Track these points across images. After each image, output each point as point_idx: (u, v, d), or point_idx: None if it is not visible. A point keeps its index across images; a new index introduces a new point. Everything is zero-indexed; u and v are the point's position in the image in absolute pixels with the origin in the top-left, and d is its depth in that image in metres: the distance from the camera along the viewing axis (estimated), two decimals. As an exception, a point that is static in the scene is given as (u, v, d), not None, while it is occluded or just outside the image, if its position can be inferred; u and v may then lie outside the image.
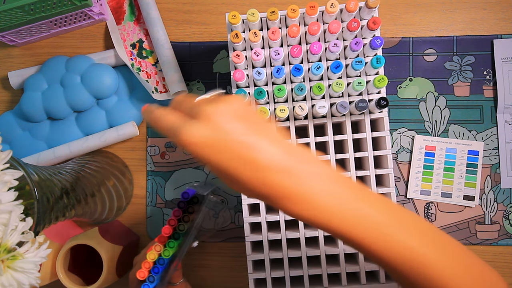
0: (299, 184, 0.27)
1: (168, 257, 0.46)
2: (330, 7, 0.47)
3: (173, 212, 0.47)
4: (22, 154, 0.62)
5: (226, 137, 0.26)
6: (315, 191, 0.27)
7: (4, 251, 0.34)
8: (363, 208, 0.28)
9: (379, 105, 0.47)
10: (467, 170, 0.61)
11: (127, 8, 0.66)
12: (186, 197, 0.46)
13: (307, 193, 0.27)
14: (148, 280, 0.46)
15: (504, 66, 0.61)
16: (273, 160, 0.26)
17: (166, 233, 0.46)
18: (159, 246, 0.46)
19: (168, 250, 0.46)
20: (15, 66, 0.66)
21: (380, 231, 0.28)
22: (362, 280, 0.50)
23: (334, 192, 0.27)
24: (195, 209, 0.47)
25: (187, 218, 0.47)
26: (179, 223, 0.47)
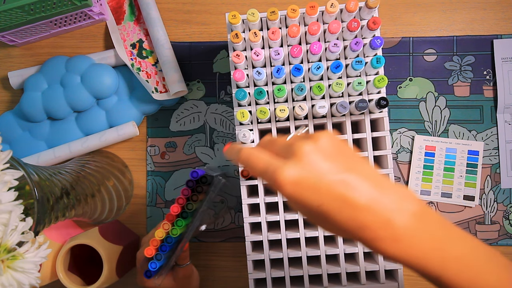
0: (395, 227, 0.26)
1: (176, 236, 0.46)
2: (330, 7, 0.47)
3: (182, 191, 0.47)
4: (22, 154, 0.62)
5: (323, 176, 0.26)
6: (413, 234, 0.26)
7: (4, 251, 0.34)
8: (456, 249, 0.28)
9: (379, 105, 0.47)
10: (467, 170, 0.61)
11: (127, 8, 0.66)
12: (195, 176, 0.46)
13: (403, 236, 0.26)
14: (155, 258, 0.46)
15: (504, 66, 0.61)
16: (370, 201, 0.26)
17: (175, 211, 0.46)
18: (167, 224, 0.46)
19: (176, 229, 0.46)
20: (15, 66, 0.66)
21: (471, 271, 0.28)
22: (362, 280, 0.50)
23: (429, 234, 0.27)
24: (204, 189, 0.47)
25: (196, 198, 0.47)
26: (187, 202, 0.47)
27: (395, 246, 0.26)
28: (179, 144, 0.64)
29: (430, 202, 0.61)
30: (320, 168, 0.27)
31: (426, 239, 0.27)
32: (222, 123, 0.63)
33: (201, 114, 0.64)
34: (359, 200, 0.26)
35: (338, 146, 0.28)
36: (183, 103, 0.64)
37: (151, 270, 0.46)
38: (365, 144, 0.51)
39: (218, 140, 0.63)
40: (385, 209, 0.26)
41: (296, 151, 0.27)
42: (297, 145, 0.27)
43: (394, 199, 0.27)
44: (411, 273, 0.61)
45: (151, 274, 0.47)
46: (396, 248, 0.26)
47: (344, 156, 0.28)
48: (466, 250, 0.28)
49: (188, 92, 0.64)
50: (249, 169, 0.30)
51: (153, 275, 0.47)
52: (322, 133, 0.29)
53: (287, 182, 0.26)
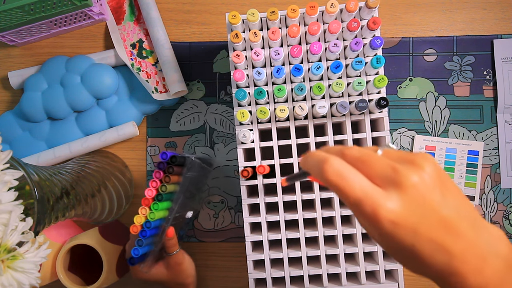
0: (486, 275, 0.24)
1: (154, 220, 0.46)
2: (330, 7, 0.47)
3: (154, 173, 0.47)
4: (22, 154, 0.62)
5: (426, 217, 0.24)
6: (500, 282, 0.25)
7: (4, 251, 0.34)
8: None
9: (379, 105, 0.47)
10: (467, 170, 0.61)
11: (127, 8, 0.66)
12: (164, 158, 0.46)
13: (490, 284, 0.24)
14: (137, 244, 0.46)
15: (504, 66, 0.61)
16: (467, 247, 0.24)
17: (149, 195, 0.46)
18: (144, 209, 0.46)
19: (153, 213, 0.46)
20: (15, 66, 0.66)
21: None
22: (362, 280, 0.50)
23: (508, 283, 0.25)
24: (176, 171, 0.47)
25: (168, 179, 0.46)
26: (161, 184, 0.47)
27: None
28: (179, 144, 0.64)
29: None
30: (425, 205, 0.24)
31: (510, 286, 0.25)
32: (222, 123, 0.63)
33: (201, 114, 0.64)
34: (456, 246, 0.24)
35: (441, 176, 0.25)
36: (183, 103, 0.64)
37: (134, 256, 0.46)
38: (365, 144, 0.51)
39: (218, 140, 0.63)
40: (480, 256, 0.24)
41: (402, 182, 0.24)
42: (402, 174, 0.24)
43: (487, 242, 0.25)
44: (411, 273, 0.61)
45: (135, 261, 0.46)
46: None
47: (446, 189, 0.25)
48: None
49: (188, 92, 0.64)
50: (335, 190, 0.25)
51: (137, 262, 0.47)
52: (426, 160, 0.25)
53: (387, 220, 0.23)
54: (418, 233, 0.23)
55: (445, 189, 0.25)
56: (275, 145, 0.50)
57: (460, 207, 0.25)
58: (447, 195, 0.25)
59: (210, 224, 0.63)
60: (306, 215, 0.50)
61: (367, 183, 0.24)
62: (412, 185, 0.24)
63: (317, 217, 0.50)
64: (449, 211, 0.24)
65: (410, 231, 0.23)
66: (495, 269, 0.24)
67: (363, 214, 0.24)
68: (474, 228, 0.25)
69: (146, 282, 0.51)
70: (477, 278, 0.24)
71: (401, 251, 0.24)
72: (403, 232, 0.23)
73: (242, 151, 0.51)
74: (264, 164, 0.50)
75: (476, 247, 0.24)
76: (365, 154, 0.26)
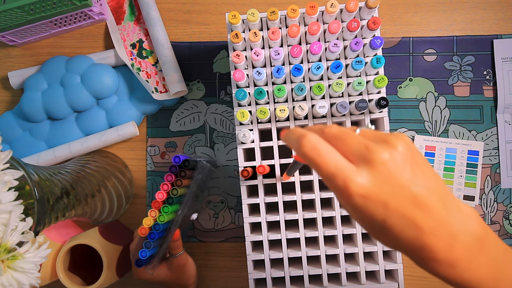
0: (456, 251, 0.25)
1: (163, 223, 0.46)
2: (330, 7, 0.47)
3: (165, 177, 0.46)
4: (22, 154, 0.62)
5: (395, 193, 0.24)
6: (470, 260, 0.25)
7: (4, 251, 0.34)
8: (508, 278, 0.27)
9: (379, 105, 0.47)
10: (467, 170, 0.61)
11: (127, 8, 0.66)
12: (177, 161, 0.46)
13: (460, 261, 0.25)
14: (145, 246, 0.46)
15: (504, 66, 0.61)
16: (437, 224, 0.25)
17: (160, 198, 0.46)
18: (154, 211, 0.46)
19: (163, 216, 0.46)
20: (15, 66, 0.66)
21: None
22: (362, 280, 0.50)
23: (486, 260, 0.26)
24: (188, 174, 0.47)
25: (180, 183, 0.46)
26: (172, 187, 0.47)
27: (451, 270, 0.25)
28: (179, 144, 0.64)
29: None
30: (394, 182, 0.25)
31: (483, 264, 0.26)
32: (222, 123, 0.63)
33: (201, 114, 0.64)
34: (426, 222, 0.24)
35: (413, 155, 0.26)
36: (183, 103, 0.64)
37: (141, 258, 0.46)
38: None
39: (218, 140, 0.63)
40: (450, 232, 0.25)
41: (372, 158, 0.25)
42: (374, 151, 0.25)
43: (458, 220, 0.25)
44: (411, 273, 0.61)
45: (142, 263, 0.46)
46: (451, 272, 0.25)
47: (418, 167, 0.26)
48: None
49: (188, 92, 0.64)
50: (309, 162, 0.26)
51: (144, 264, 0.47)
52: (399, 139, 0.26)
53: (357, 194, 0.24)
54: (388, 207, 0.24)
55: (417, 168, 0.26)
56: (275, 145, 0.50)
57: (431, 185, 0.25)
58: (418, 173, 0.25)
59: (210, 224, 0.63)
60: (306, 215, 0.50)
61: (341, 159, 0.25)
62: (382, 162, 0.25)
63: (317, 217, 0.50)
64: (420, 188, 0.25)
65: (380, 206, 0.24)
66: (466, 247, 0.25)
67: (335, 187, 0.25)
68: (445, 206, 0.25)
69: (147, 283, 0.51)
70: (447, 254, 0.25)
71: (373, 225, 0.25)
72: (373, 207, 0.24)
73: (242, 151, 0.51)
74: (264, 164, 0.50)
75: (447, 223, 0.25)
76: (342, 132, 0.27)
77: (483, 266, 0.26)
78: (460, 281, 0.26)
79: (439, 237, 0.25)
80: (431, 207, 0.25)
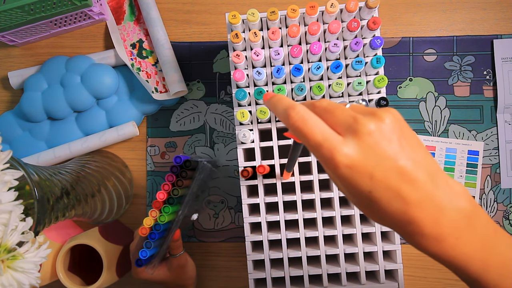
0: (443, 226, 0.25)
1: (164, 223, 0.46)
2: (330, 7, 0.47)
3: (166, 177, 0.46)
4: (22, 154, 0.62)
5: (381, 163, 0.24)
6: (458, 235, 0.25)
7: (4, 251, 0.34)
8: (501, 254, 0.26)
9: (379, 105, 0.47)
10: (467, 170, 0.61)
11: (127, 8, 0.66)
12: (178, 161, 0.46)
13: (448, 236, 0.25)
14: (145, 246, 0.46)
15: (504, 66, 0.61)
16: (424, 196, 0.24)
17: (161, 198, 0.46)
18: (155, 211, 0.46)
19: (164, 216, 0.46)
20: (15, 66, 0.66)
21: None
22: (362, 280, 0.50)
23: (474, 236, 0.26)
24: (189, 174, 0.47)
25: (181, 183, 0.46)
26: (173, 188, 0.47)
27: (438, 245, 0.25)
28: (179, 144, 0.64)
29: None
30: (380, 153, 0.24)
31: (471, 241, 0.25)
32: (222, 123, 0.63)
33: (201, 114, 0.64)
34: (413, 194, 0.24)
35: (401, 128, 0.26)
36: (183, 103, 0.64)
37: (142, 258, 0.46)
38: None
39: (218, 140, 0.63)
40: (437, 206, 0.25)
41: (358, 129, 0.25)
42: (360, 122, 0.25)
43: (447, 195, 0.25)
44: (411, 273, 0.61)
45: (142, 263, 0.46)
46: (438, 247, 0.25)
47: (405, 141, 0.25)
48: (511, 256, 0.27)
49: (188, 92, 0.64)
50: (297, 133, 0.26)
51: (144, 263, 0.47)
52: (387, 112, 0.26)
53: (343, 164, 0.24)
54: (374, 178, 0.24)
55: (405, 140, 0.25)
56: (275, 145, 0.50)
57: (419, 158, 0.25)
58: (406, 146, 0.25)
59: (210, 224, 0.63)
60: (306, 215, 0.50)
61: (328, 130, 0.25)
62: (368, 132, 0.25)
63: (317, 217, 0.50)
64: (407, 161, 0.25)
65: (366, 176, 0.24)
66: (453, 222, 0.25)
67: (322, 158, 0.25)
68: (433, 180, 0.25)
69: (147, 282, 0.51)
70: (434, 228, 0.25)
71: (360, 197, 0.25)
72: (359, 177, 0.24)
73: (242, 151, 0.51)
74: (264, 164, 0.50)
75: (434, 197, 0.25)
76: (332, 105, 0.27)
77: (471, 244, 0.26)
78: (447, 257, 0.26)
79: (426, 211, 0.24)
80: (418, 180, 0.24)
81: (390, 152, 0.25)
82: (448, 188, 0.26)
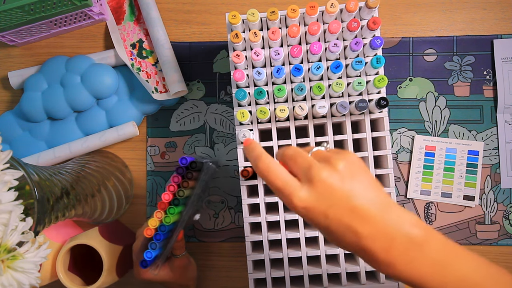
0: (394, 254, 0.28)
1: (169, 224, 0.46)
2: (330, 7, 0.47)
3: (172, 178, 0.47)
4: (22, 154, 0.62)
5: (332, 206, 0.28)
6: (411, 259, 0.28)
7: (4, 251, 0.34)
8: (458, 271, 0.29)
9: (379, 105, 0.47)
10: (467, 170, 0.61)
11: (127, 8, 0.66)
12: (184, 162, 0.46)
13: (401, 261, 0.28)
14: (150, 247, 0.46)
15: (504, 66, 0.61)
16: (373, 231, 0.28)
17: (166, 199, 0.46)
18: (160, 212, 0.46)
19: (169, 217, 0.46)
20: (15, 66, 0.66)
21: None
22: (362, 280, 0.50)
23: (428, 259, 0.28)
24: (194, 176, 0.47)
25: (186, 184, 0.46)
26: (178, 189, 0.47)
27: (390, 270, 0.28)
28: (179, 144, 0.64)
29: (430, 202, 0.61)
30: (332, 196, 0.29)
31: (424, 264, 0.28)
32: (222, 123, 0.63)
33: (201, 114, 0.64)
34: (363, 231, 0.28)
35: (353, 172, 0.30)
36: (183, 103, 0.64)
37: (147, 259, 0.46)
38: (365, 144, 0.51)
39: (218, 140, 0.63)
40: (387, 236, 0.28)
41: (313, 177, 0.29)
42: (314, 171, 0.29)
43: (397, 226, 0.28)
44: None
45: (147, 263, 0.47)
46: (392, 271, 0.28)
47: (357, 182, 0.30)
48: (468, 272, 0.29)
49: (188, 92, 0.64)
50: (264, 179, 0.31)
51: (149, 264, 0.47)
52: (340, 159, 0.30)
53: (301, 206, 0.29)
54: (329, 217, 0.29)
55: (356, 182, 0.30)
56: (275, 145, 0.50)
57: (370, 196, 0.29)
58: (358, 187, 0.29)
59: (210, 224, 0.63)
60: (306, 215, 0.50)
61: (288, 177, 0.30)
62: (320, 180, 0.29)
63: (317, 217, 0.50)
64: (358, 199, 0.29)
65: (322, 216, 0.29)
66: (404, 249, 0.28)
67: (282, 199, 0.30)
68: (384, 213, 0.29)
69: (149, 283, 0.51)
70: (385, 256, 0.28)
71: (320, 229, 0.30)
72: (315, 216, 0.29)
73: (242, 151, 0.51)
74: (264, 164, 0.50)
75: (385, 228, 0.28)
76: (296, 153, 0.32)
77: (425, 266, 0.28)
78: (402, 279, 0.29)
79: (377, 241, 0.28)
80: (369, 215, 0.28)
81: (341, 194, 0.29)
82: (399, 219, 0.29)
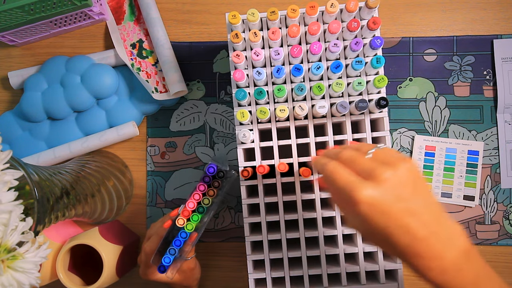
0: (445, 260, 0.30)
1: (190, 231, 0.47)
2: (330, 7, 0.47)
3: (198, 186, 0.48)
4: (22, 154, 0.62)
5: (395, 203, 0.30)
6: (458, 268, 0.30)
7: (4, 251, 0.34)
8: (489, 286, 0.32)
9: (379, 105, 0.46)
10: (467, 170, 0.61)
11: (127, 8, 0.66)
12: (212, 171, 0.47)
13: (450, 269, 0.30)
14: (169, 253, 0.47)
15: (504, 66, 0.61)
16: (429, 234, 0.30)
17: (191, 207, 0.47)
18: (182, 219, 0.47)
19: (191, 224, 0.47)
20: (15, 66, 0.66)
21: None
22: (362, 280, 0.50)
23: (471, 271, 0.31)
24: (219, 184, 0.48)
25: (212, 192, 0.48)
26: (203, 197, 0.48)
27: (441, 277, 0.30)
28: (179, 144, 0.64)
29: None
30: (395, 195, 0.30)
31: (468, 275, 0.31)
32: (222, 123, 0.63)
33: (201, 114, 0.64)
34: (420, 231, 0.30)
35: (414, 177, 0.31)
36: (183, 103, 0.64)
37: (165, 265, 0.47)
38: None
39: (218, 140, 0.63)
40: (440, 243, 0.30)
41: (377, 175, 0.30)
42: (378, 170, 0.31)
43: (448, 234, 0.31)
44: (411, 273, 0.61)
45: (165, 268, 0.47)
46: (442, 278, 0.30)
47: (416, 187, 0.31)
48: None
49: (188, 92, 0.64)
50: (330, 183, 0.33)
51: (167, 269, 0.47)
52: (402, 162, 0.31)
53: (363, 201, 0.30)
54: (390, 216, 0.30)
55: (415, 188, 0.31)
56: (275, 145, 0.50)
57: (426, 203, 0.31)
58: (416, 193, 0.31)
59: (210, 224, 0.63)
60: (306, 215, 0.50)
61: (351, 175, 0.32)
62: (385, 178, 0.30)
63: (317, 217, 0.50)
64: (416, 204, 0.30)
65: (383, 213, 0.30)
66: (454, 258, 0.30)
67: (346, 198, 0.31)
68: (438, 221, 0.31)
69: (153, 283, 0.51)
70: (438, 262, 0.30)
71: (375, 230, 0.31)
72: (377, 214, 0.30)
73: (242, 151, 0.51)
74: (264, 164, 0.50)
75: (438, 236, 0.30)
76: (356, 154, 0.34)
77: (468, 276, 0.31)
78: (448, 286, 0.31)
79: (431, 247, 0.30)
80: (425, 220, 0.30)
81: (403, 195, 0.30)
82: (449, 228, 0.31)
